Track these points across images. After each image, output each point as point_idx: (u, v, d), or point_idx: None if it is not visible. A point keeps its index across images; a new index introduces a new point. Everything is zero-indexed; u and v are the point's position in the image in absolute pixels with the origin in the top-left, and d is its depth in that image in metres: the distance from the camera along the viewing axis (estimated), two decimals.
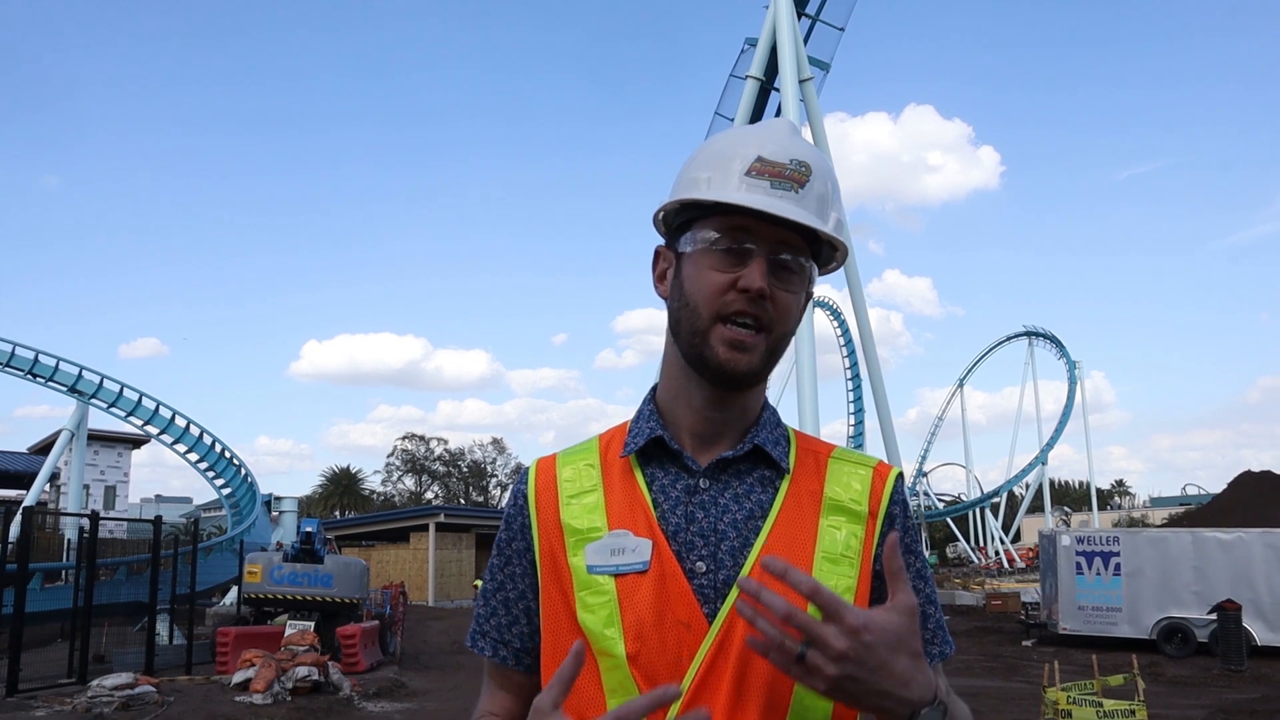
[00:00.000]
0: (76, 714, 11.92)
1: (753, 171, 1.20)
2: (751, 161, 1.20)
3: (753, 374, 1.22)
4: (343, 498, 69.28)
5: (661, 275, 1.31)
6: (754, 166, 1.20)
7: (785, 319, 1.22)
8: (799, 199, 1.19)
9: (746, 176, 1.20)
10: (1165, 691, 14.16)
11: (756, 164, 1.20)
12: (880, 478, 1.29)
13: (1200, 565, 19.21)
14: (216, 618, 24.19)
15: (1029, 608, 23.79)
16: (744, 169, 1.20)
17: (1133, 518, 70.31)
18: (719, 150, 1.24)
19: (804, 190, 1.20)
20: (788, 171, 1.20)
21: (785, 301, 1.21)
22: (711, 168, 1.23)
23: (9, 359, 29.58)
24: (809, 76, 24.62)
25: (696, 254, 1.23)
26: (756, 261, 1.19)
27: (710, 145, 1.27)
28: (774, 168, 1.20)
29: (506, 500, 1.34)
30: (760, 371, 1.23)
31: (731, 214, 1.21)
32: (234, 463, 33.90)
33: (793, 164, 1.20)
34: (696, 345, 1.22)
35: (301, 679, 13.49)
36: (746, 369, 1.21)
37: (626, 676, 1.16)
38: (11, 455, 44.86)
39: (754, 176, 1.19)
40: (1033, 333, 61.57)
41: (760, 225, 1.20)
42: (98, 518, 17.03)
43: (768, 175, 1.19)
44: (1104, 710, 8.32)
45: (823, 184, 1.22)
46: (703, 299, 1.21)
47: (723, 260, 1.21)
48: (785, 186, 1.19)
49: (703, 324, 1.21)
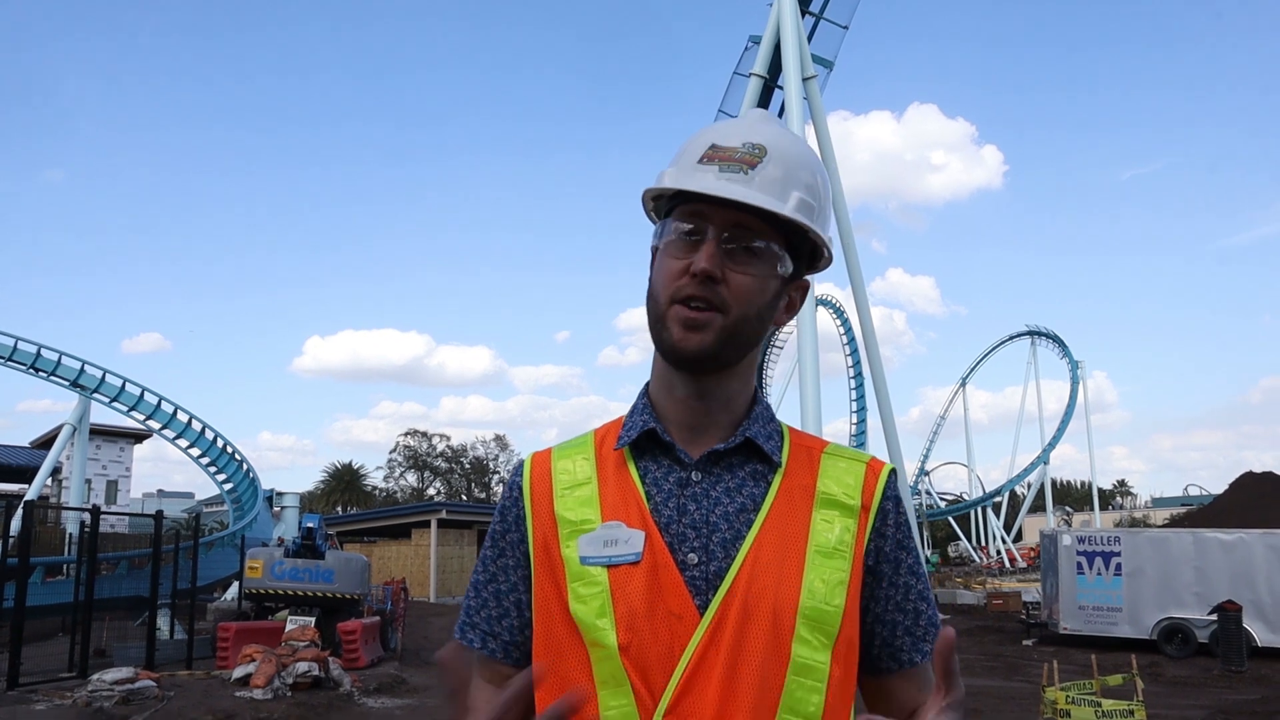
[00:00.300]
0: (77, 708, 11.95)
1: (704, 159, 1.22)
2: (705, 149, 1.22)
3: (706, 354, 1.21)
4: (345, 493, 69.35)
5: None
6: (706, 154, 1.22)
7: (743, 301, 1.21)
8: (748, 180, 1.19)
9: (698, 164, 1.22)
10: (1165, 692, 14.16)
11: (709, 151, 1.22)
12: (873, 473, 1.29)
13: (1201, 566, 19.21)
14: (217, 613, 24.24)
15: (1030, 607, 23.80)
16: (698, 157, 1.22)
17: (1134, 518, 70.28)
18: (688, 143, 1.27)
19: (754, 171, 1.20)
20: (738, 155, 1.21)
21: (741, 284, 1.20)
22: (677, 161, 1.26)
23: (11, 353, 29.62)
24: (813, 74, 24.60)
25: (665, 245, 1.25)
26: (706, 244, 1.20)
27: (686, 142, 1.29)
28: (724, 152, 1.21)
29: (501, 499, 1.34)
30: (717, 353, 1.22)
31: (688, 202, 1.22)
32: (236, 458, 33.92)
33: (745, 147, 1.21)
34: (658, 330, 1.23)
35: (302, 674, 13.51)
36: (698, 347, 1.20)
37: (618, 667, 1.16)
38: (13, 450, 44.93)
39: (704, 163, 1.21)
40: (1035, 332, 61.53)
41: (712, 210, 1.20)
42: (99, 512, 17.06)
43: (717, 160, 1.21)
44: (1102, 710, 8.32)
45: (781, 165, 1.21)
46: (660, 286, 1.23)
47: (680, 247, 1.22)
48: (734, 169, 1.20)
49: (660, 309, 1.22)
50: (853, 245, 25.51)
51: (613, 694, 1.16)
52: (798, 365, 21.99)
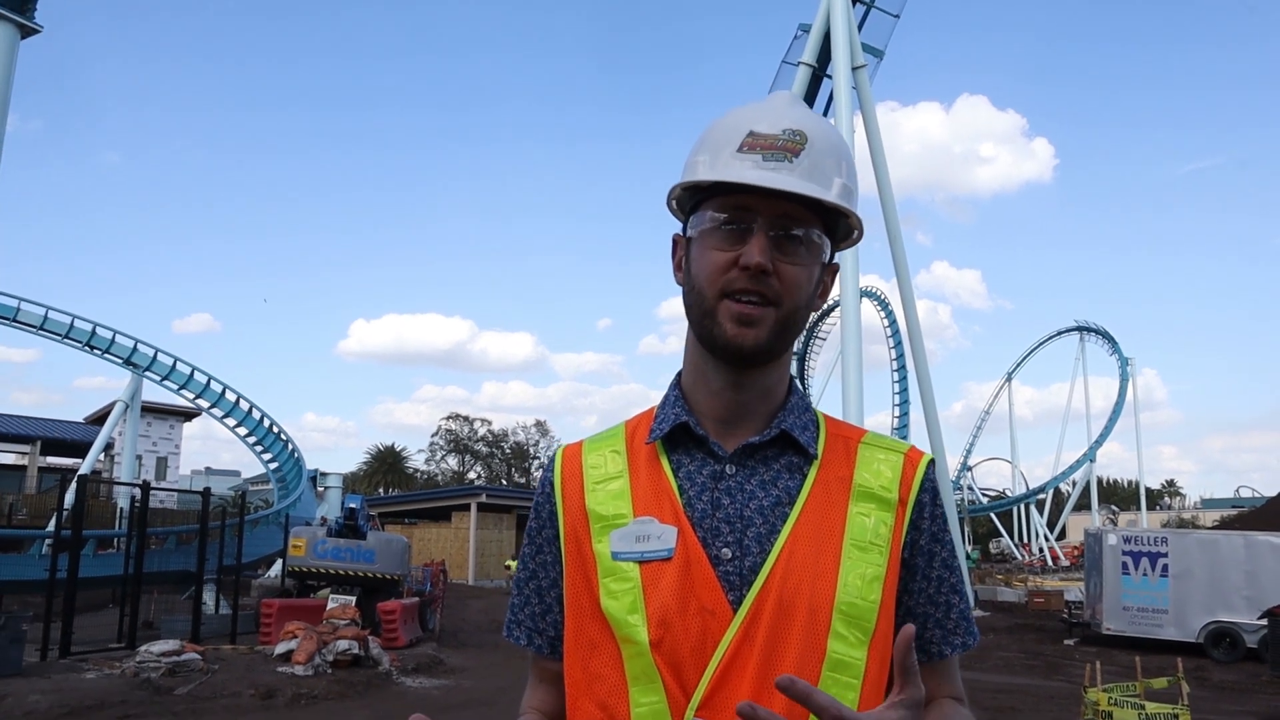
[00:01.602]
0: (125, 678, 12.24)
1: (744, 147, 1.18)
2: (744, 137, 1.19)
3: (762, 349, 1.20)
4: (387, 475, 70.20)
5: (679, 263, 1.30)
6: (745, 142, 1.18)
7: (794, 292, 1.20)
8: (793, 168, 1.17)
9: (738, 153, 1.18)
10: (1211, 696, 13.88)
11: (748, 139, 1.18)
12: (911, 464, 1.27)
13: (1252, 569, 18.77)
14: (261, 589, 24.66)
15: (1072, 606, 23.47)
16: (736, 145, 1.19)
17: (1182, 519, 68.93)
18: (717, 130, 1.23)
19: (798, 159, 1.17)
20: (780, 142, 1.18)
21: (792, 275, 1.19)
22: (709, 149, 1.22)
23: (68, 330, 30.31)
24: (862, 64, 24.28)
25: (702, 236, 1.22)
26: (756, 237, 1.17)
27: (711, 127, 1.25)
28: (765, 140, 1.18)
29: (537, 493, 1.34)
30: (771, 347, 1.21)
31: (730, 193, 1.19)
32: (281, 438, 34.45)
33: (785, 134, 1.18)
34: (706, 325, 1.21)
35: (342, 652, 13.71)
36: (754, 343, 1.19)
37: (649, 664, 1.15)
38: (69, 425, 46.08)
39: (745, 151, 1.18)
40: (1084, 328, 60.40)
41: (758, 200, 1.18)
42: (149, 488, 17.45)
43: (759, 149, 1.18)
44: (1146, 713, 8.17)
45: (822, 151, 1.19)
46: (706, 279, 1.20)
47: (724, 239, 1.19)
48: (778, 158, 1.17)
49: (709, 303, 1.20)
50: (899, 237, 25.18)
51: (644, 690, 1.15)
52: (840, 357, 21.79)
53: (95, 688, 11.62)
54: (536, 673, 1.32)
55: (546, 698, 1.31)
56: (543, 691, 1.31)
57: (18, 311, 29.35)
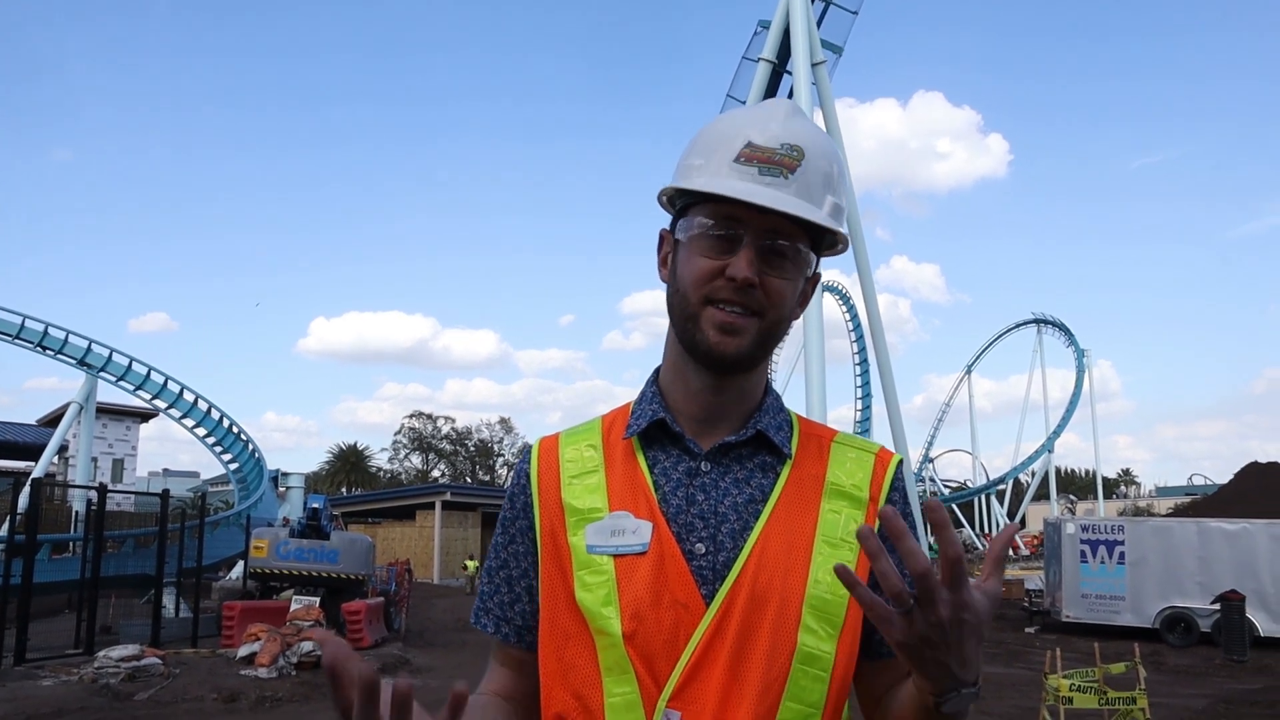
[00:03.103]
0: (83, 684, 12.04)
1: (741, 158, 1.18)
2: (741, 147, 1.19)
3: (743, 358, 1.22)
4: (350, 475, 69.62)
5: (664, 259, 1.30)
6: (743, 153, 1.18)
7: (778, 304, 1.21)
8: (787, 185, 1.18)
9: (735, 163, 1.19)
10: (1167, 680, 14.18)
11: (746, 150, 1.18)
12: (882, 464, 1.29)
13: (1205, 555, 19.19)
14: (222, 591, 24.38)
15: (1032, 595, 23.81)
16: (733, 155, 1.19)
17: (1138, 507, 70.20)
18: (714, 135, 1.23)
19: (794, 176, 1.18)
20: (777, 157, 1.18)
21: (777, 288, 1.20)
22: (705, 154, 1.22)
23: (19, 331, 29.67)
24: (821, 60, 24.39)
25: (690, 240, 1.23)
26: (744, 250, 1.18)
27: (708, 129, 1.26)
28: (763, 153, 1.18)
29: (510, 484, 1.34)
30: (752, 356, 1.22)
31: (722, 201, 1.19)
32: (241, 438, 34.01)
33: (783, 149, 1.18)
34: (689, 330, 1.22)
35: (306, 654, 13.60)
36: (736, 352, 1.20)
37: (622, 655, 1.16)
38: (20, 427, 45.10)
39: (742, 163, 1.18)
40: (1042, 320, 61.28)
41: (749, 213, 1.18)
42: (106, 490, 17.15)
43: (756, 161, 1.18)
44: (1106, 698, 8.33)
45: (818, 168, 1.20)
46: (691, 284, 1.21)
47: (712, 246, 1.20)
48: (774, 173, 1.18)
49: (692, 308, 1.21)
50: (860, 232, 25.32)
51: (617, 681, 1.16)
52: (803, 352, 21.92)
53: (52, 695, 11.42)
54: (499, 657, 1.33)
55: (505, 682, 1.32)
56: (502, 675, 1.32)
57: None
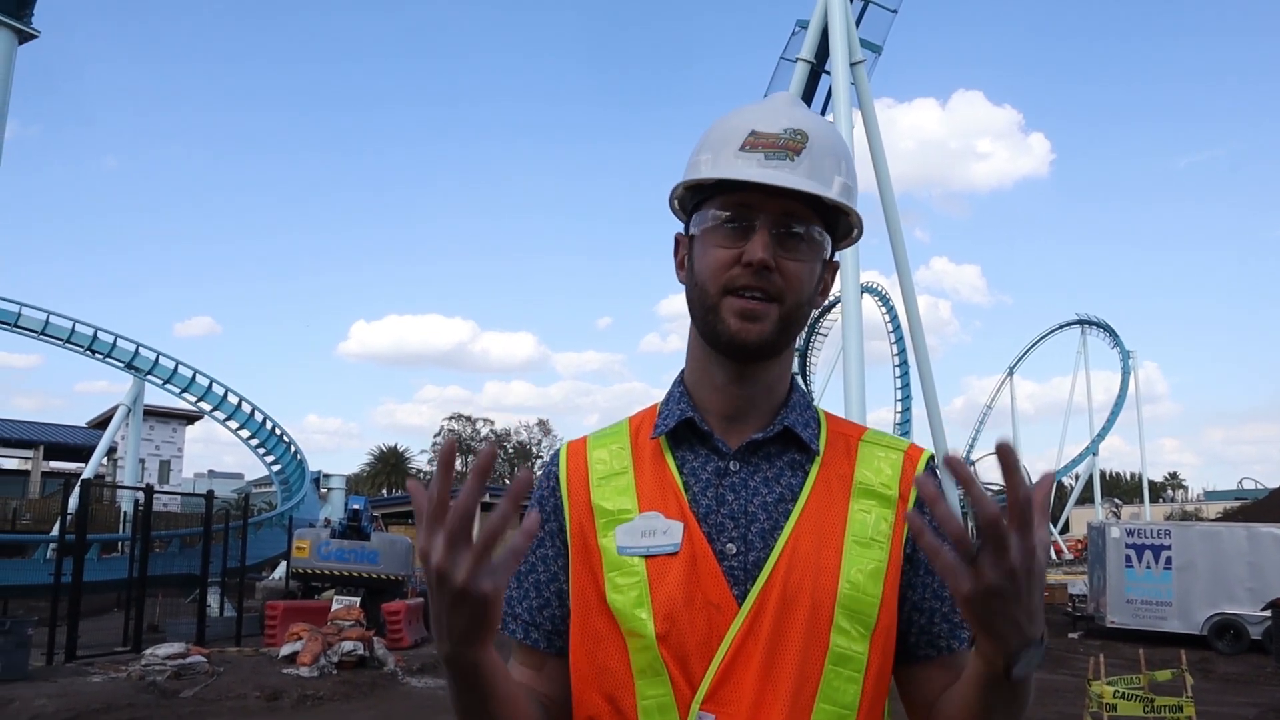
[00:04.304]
0: (131, 681, 12.25)
1: (746, 146, 1.20)
2: (745, 136, 1.20)
3: (765, 344, 1.22)
4: (389, 476, 70.23)
5: (681, 261, 1.31)
6: (747, 141, 1.20)
7: (796, 288, 1.21)
8: (794, 166, 1.19)
9: (740, 151, 1.20)
10: (1215, 689, 13.89)
11: (750, 138, 1.20)
12: (911, 461, 1.28)
13: (1255, 561, 18.78)
14: (265, 591, 24.67)
15: (1076, 600, 23.48)
16: (738, 145, 1.20)
17: (1185, 511, 68.88)
18: (718, 130, 1.25)
19: (800, 158, 1.20)
20: (781, 141, 1.20)
21: (794, 271, 1.21)
22: (711, 148, 1.24)
23: (69, 335, 30.29)
24: (860, 59, 24.21)
25: (704, 234, 1.24)
26: (758, 234, 1.19)
27: (712, 127, 1.27)
28: (767, 139, 1.20)
29: (538, 488, 1.33)
30: (774, 342, 1.22)
31: (732, 191, 1.21)
32: (284, 440, 34.42)
33: (786, 133, 1.20)
34: (710, 321, 1.22)
35: (347, 653, 13.72)
36: (758, 338, 1.21)
37: (656, 657, 1.16)
38: (71, 429, 46.06)
39: (747, 150, 1.20)
40: (1086, 321, 60.28)
41: (760, 198, 1.19)
42: (153, 491, 17.45)
43: (761, 147, 1.20)
44: (1152, 706, 8.18)
45: (823, 150, 1.21)
46: (709, 275, 1.22)
47: (727, 236, 1.21)
48: (780, 156, 1.19)
49: (711, 299, 1.22)
50: (899, 233, 25.11)
51: (650, 683, 1.16)
52: (842, 353, 21.77)
53: (101, 691, 11.63)
54: (520, 657, 1.32)
55: (525, 677, 1.30)
56: (521, 672, 1.31)
57: (19, 317, 29.33)
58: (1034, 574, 0.93)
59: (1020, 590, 0.93)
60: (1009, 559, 0.91)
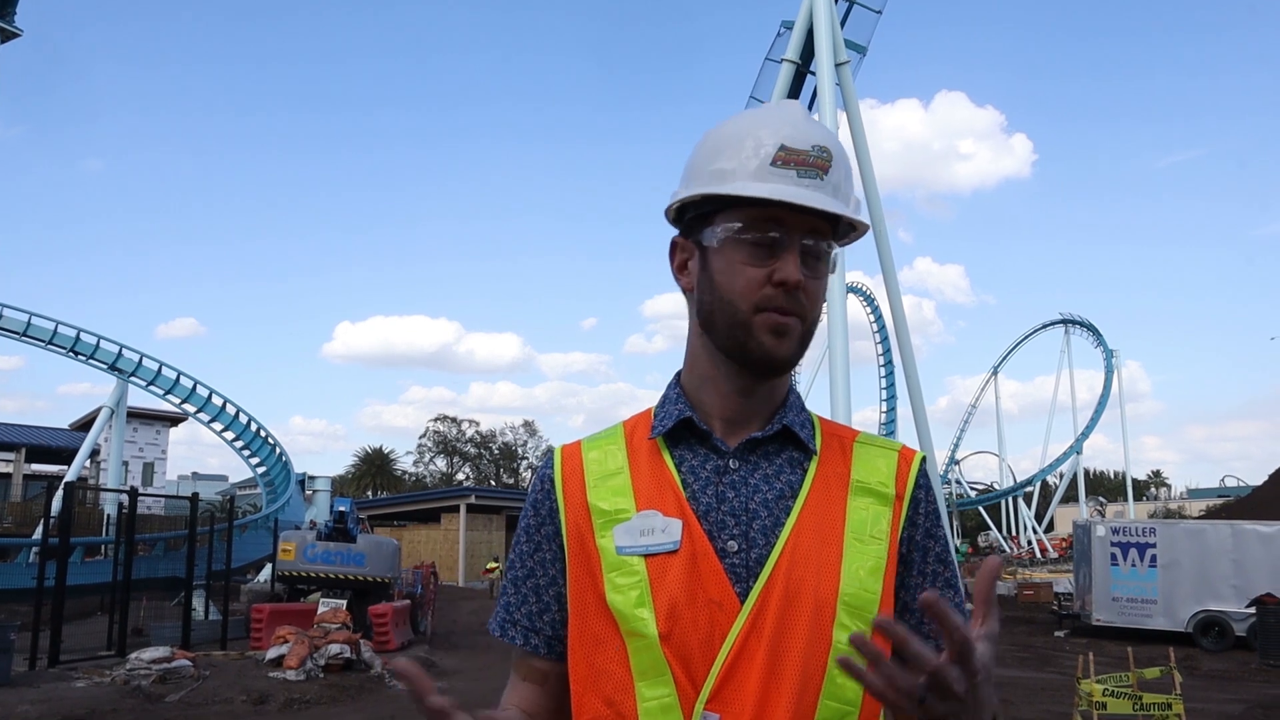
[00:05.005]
0: (115, 685, 12.16)
1: (778, 161, 1.19)
2: (775, 150, 1.19)
3: (792, 360, 1.23)
4: (375, 478, 69.99)
5: (681, 266, 1.30)
6: (779, 156, 1.19)
7: (816, 305, 1.23)
8: (823, 185, 1.19)
9: (772, 167, 1.19)
10: (1201, 685, 13.97)
11: (781, 153, 1.19)
12: (906, 461, 1.29)
13: (1239, 558, 18.93)
14: (251, 594, 24.57)
15: (1062, 598, 23.63)
16: (768, 159, 1.19)
17: (1169, 509, 69.37)
18: (736, 138, 1.22)
19: (828, 176, 1.20)
20: (811, 159, 1.19)
21: (815, 289, 1.22)
22: (732, 157, 1.21)
23: (51, 337, 30.10)
24: (846, 60, 24.28)
25: (725, 247, 1.22)
26: (789, 253, 1.19)
27: (724, 133, 1.24)
28: (798, 155, 1.19)
29: (531, 492, 1.32)
30: (797, 357, 1.24)
31: (758, 204, 1.19)
32: (269, 442, 34.30)
33: (815, 150, 1.20)
34: (738, 337, 1.22)
35: (334, 656, 13.67)
36: (788, 355, 1.22)
37: (659, 657, 1.15)
38: (53, 432, 45.69)
39: (779, 166, 1.19)
40: (1069, 320, 60.71)
41: (790, 215, 1.19)
42: (136, 494, 17.33)
43: (793, 164, 1.19)
44: (1141, 703, 8.22)
45: (842, 168, 1.23)
46: (739, 293, 1.21)
47: (754, 253, 1.20)
48: (811, 174, 1.19)
49: (743, 316, 1.21)
50: (884, 233, 25.19)
51: (652, 685, 1.15)
52: (827, 353, 21.83)
53: (85, 696, 11.53)
54: (521, 671, 1.31)
55: (528, 695, 1.29)
56: (524, 690, 1.30)
57: (0, 318, 29.14)
58: (979, 687, 0.94)
59: (969, 706, 0.95)
60: (954, 693, 0.93)
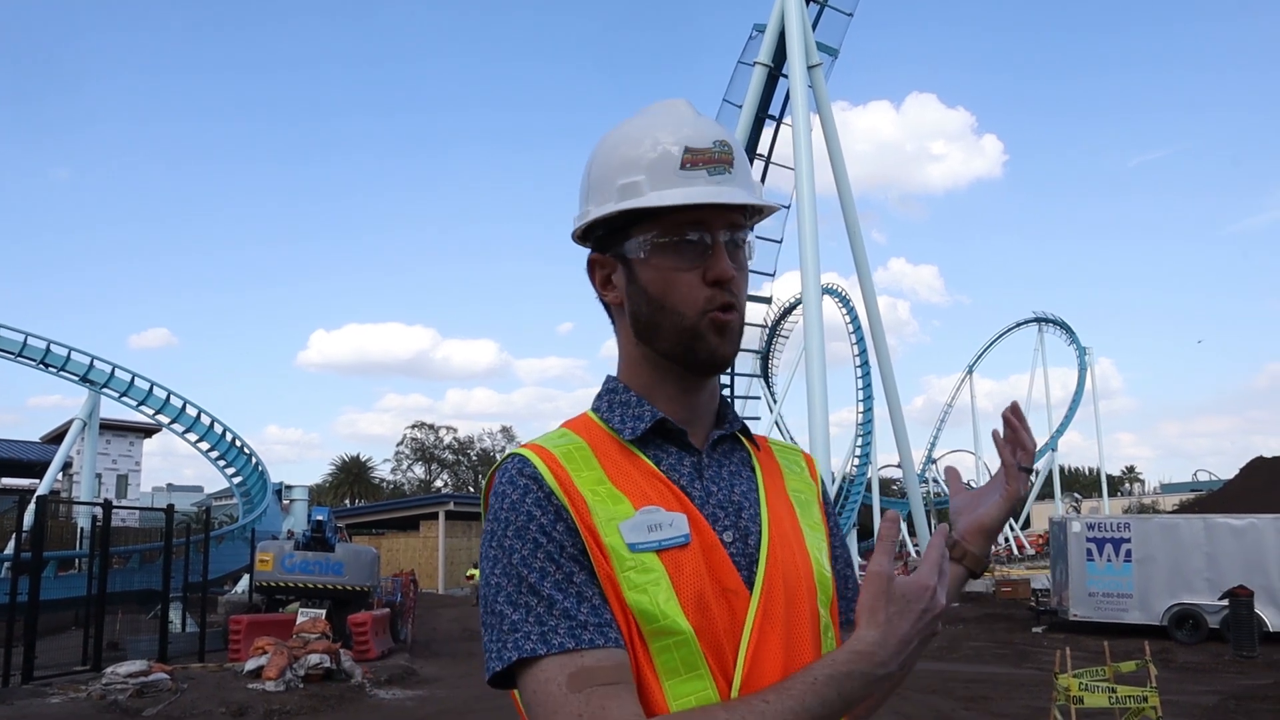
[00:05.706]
0: (91, 701, 12.01)
1: (685, 164, 1.20)
2: (681, 154, 1.21)
3: (734, 355, 1.28)
4: (353, 486, 69.59)
5: (604, 282, 1.30)
6: (685, 159, 1.20)
7: (744, 296, 1.26)
8: (734, 179, 1.22)
9: (682, 170, 1.20)
10: (1176, 677, 14.14)
11: (687, 155, 1.21)
12: (810, 461, 1.44)
13: (1212, 551, 19.17)
14: (229, 605, 24.35)
15: (1039, 594, 23.79)
16: (676, 163, 1.20)
17: (1143, 504, 70.08)
18: (636, 148, 1.23)
19: (735, 169, 1.22)
20: (716, 155, 1.21)
21: (742, 281, 1.26)
22: (638, 169, 1.22)
23: (21, 349, 29.69)
24: (818, 63, 24.43)
25: (652, 257, 1.22)
26: (717, 251, 1.22)
27: (620, 144, 1.25)
28: (704, 155, 1.21)
29: (517, 494, 1.17)
30: (737, 351, 1.28)
31: (679, 210, 1.20)
32: (245, 451, 33.99)
33: (717, 146, 1.22)
34: (686, 342, 1.23)
35: (313, 666, 13.56)
36: (733, 352, 1.26)
37: (690, 653, 1.11)
38: (25, 445, 45.06)
39: (689, 169, 1.20)
40: (1043, 319, 61.28)
41: (711, 214, 1.21)
42: (110, 506, 17.12)
43: (701, 164, 1.21)
44: (1117, 696, 8.30)
45: (742, 157, 1.26)
46: (683, 300, 1.22)
47: (683, 258, 1.22)
48: (720, 171, 1.21)
49: (690, 321, 1.22)
50: (859, 234, 25.38)
51: (684, 682, 1.10)
52: (804, 355, 21.90)
53: (61, 712, 11.40)
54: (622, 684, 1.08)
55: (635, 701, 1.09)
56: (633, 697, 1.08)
57: None
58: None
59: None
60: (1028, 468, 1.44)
